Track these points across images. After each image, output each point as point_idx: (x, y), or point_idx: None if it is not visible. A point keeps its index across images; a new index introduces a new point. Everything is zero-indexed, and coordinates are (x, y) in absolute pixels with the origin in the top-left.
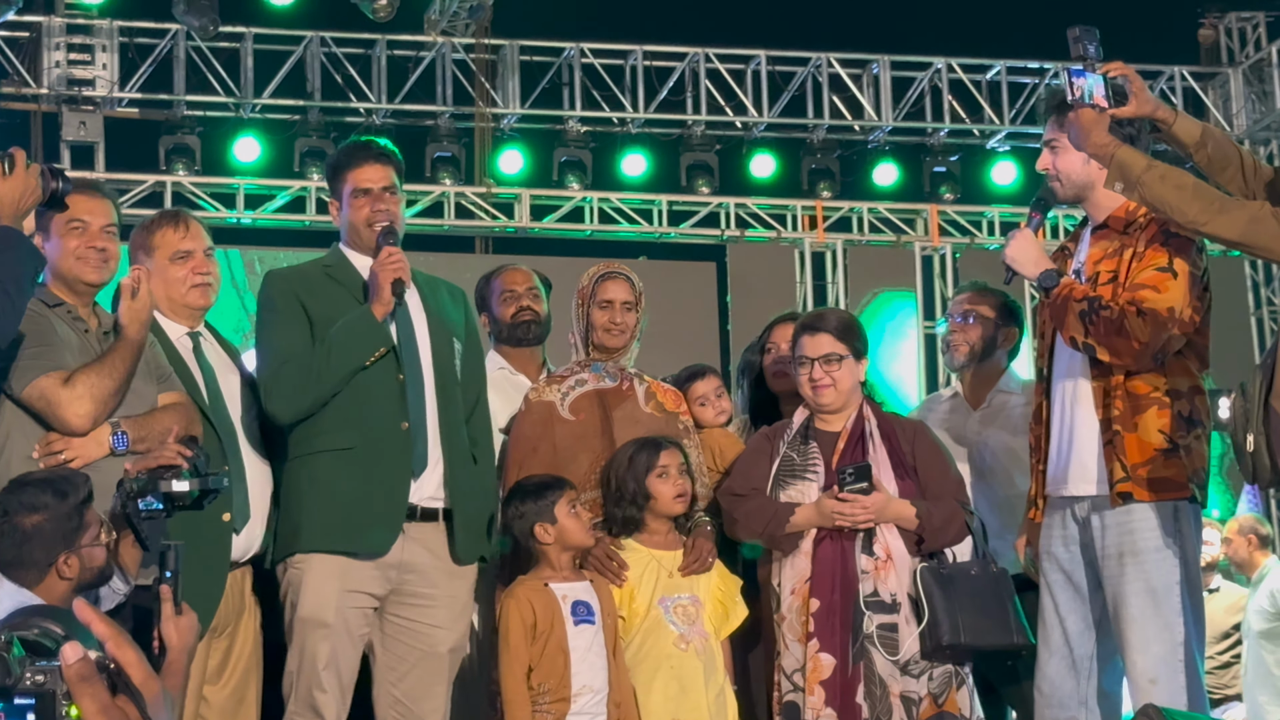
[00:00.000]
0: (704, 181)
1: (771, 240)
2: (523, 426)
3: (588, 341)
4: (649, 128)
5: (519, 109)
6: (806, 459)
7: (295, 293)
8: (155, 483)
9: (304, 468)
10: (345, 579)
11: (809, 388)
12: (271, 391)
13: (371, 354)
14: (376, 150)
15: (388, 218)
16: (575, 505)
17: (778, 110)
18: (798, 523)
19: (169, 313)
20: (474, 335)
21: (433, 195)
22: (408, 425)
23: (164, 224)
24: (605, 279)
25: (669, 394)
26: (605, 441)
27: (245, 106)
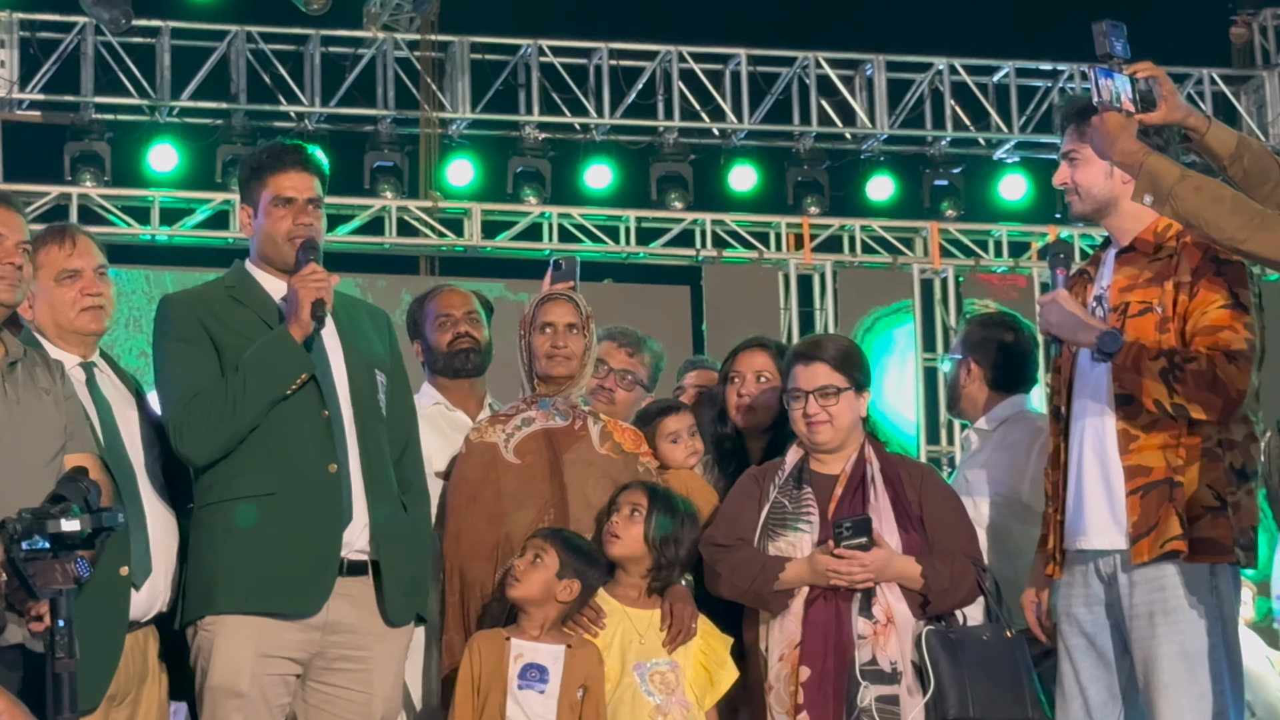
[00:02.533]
0: (677, 195)
1: (753, 261)
2: (463, 470)
3: (532, 375)
4: (615, 135)
5: (469, 113)
6: (799, 506)
7: (198, 318)
8: (41, 522)
9: (217, 516)
10: (263, 642)
11: (803, 424)
12: (182, 430)
13: (293, 380)
14: (304, 156)
15: (310, 233)
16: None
17: (759, 116)
18: (788, 579)
19: (57, 340)
20: (399, 366)
21: (372, 209)
22: (336, 467)
23: (48, 240)
24: (545, 301)
25: (627, 433)
26: (555, 486)
27: (161, 109)
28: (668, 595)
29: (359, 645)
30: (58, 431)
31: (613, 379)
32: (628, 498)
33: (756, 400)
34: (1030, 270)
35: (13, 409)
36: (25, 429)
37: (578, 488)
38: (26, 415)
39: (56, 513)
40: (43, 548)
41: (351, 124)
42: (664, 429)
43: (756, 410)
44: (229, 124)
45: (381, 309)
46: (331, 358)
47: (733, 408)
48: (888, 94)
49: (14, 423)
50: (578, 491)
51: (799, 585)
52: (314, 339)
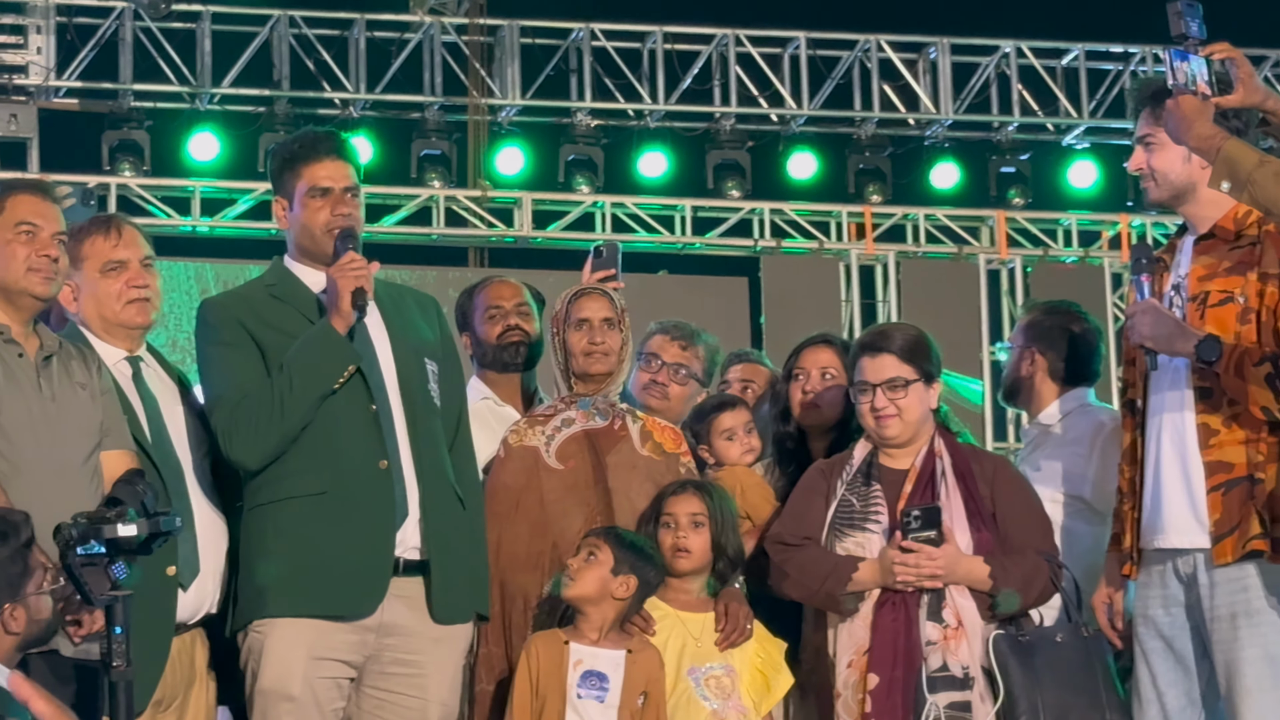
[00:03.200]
0: (734, 184)
1: (812, 252)
2: (502, 476)
3: (568, 374)
4: (670, 121)
5: (519, 99)
6: (868, 503)
7: (239, 319)
8: (97, 527)
9: (267, 518)
10: (315, 645)
11: (871, 418)
12: (231, 435)
13: (340, 374)
14: (338, 143)
15: (349, 222)
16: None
17: (819, 102)
18: (862, 581)
19: (103, 334)
20: (451, 352)
21: (419, 199)
22: (387, 463)
23: (93, 231)
24: (579, 297)
25: (667, 432)
26: (600, 493)
27: (202, 97)
28: (721, 597)
29: (414, 648)
30: (94, 428)
31: (666, 373)
32: (684, 506)
33: (821, 397)
34: (1101, 261)
35: (47, 405)
36: (60, 426)
37: (622, 492)
38: (62, 412)
39: (113, 517)
40: (98, 553)
41: (398, 111)
42: (719, 425)
43: (821, 408)
44: (271, 111)
45: (430, 295)
46: (378, 348)
47: (796, 405)
48: (952, 78)
49: (49, 419)
50: (623, 497)
51: (872, 587)
52: (359, 330)
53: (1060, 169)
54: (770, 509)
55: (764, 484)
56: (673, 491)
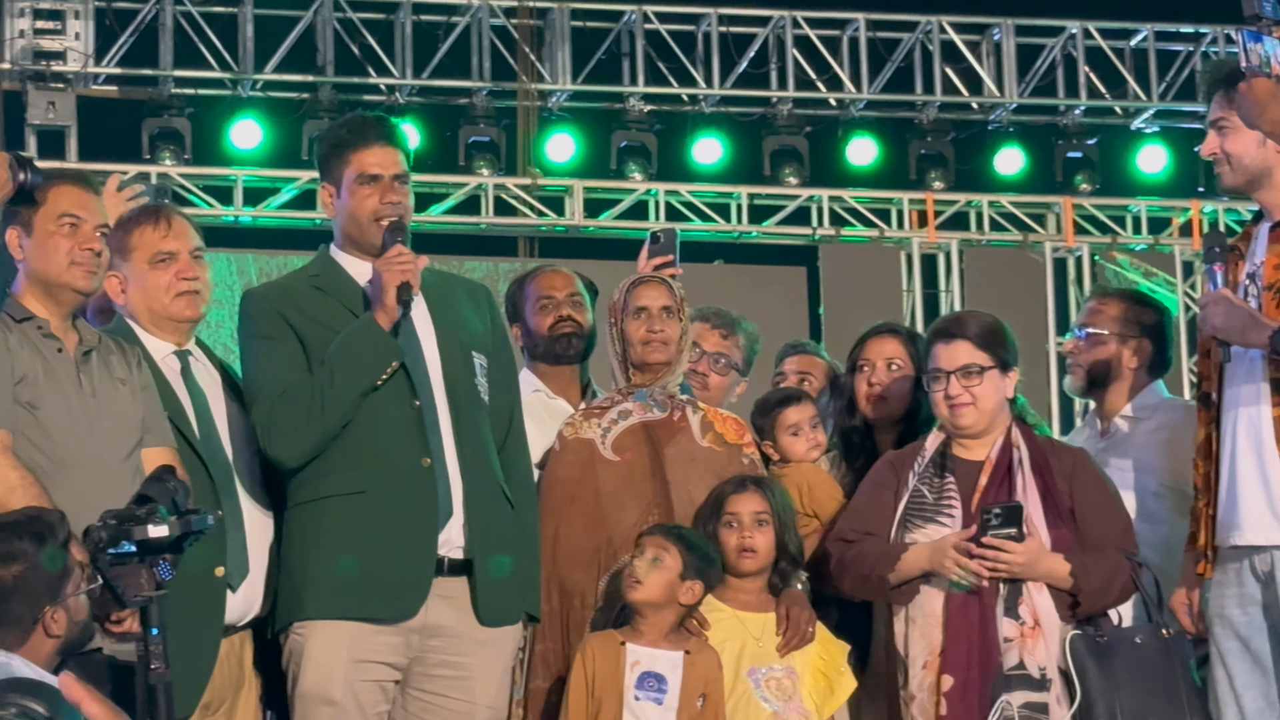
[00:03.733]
0: (792, 170)
1: (873, 240)
2: (558, 470)
3: (626, 364)
4: (725, 106)
5: (570, 85)
6: (941, 496)
7: (280, 312)
8: (127, 528)
9: (307, 517)
10: (357, 647)
11: (944, 407)
12: (270, 431)
13: (382, 371)
14: (388, 129)
15: (397, 211)
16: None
17: (879, 85)
18: (908, 565)
19: (151, 327)
20: (503, 344)
21: (468, 188)
22: (430, 461)
23: (142, 221)
24: (637, 285)
25: (729, 422)
26: (657, 485)
27: (244, 83)
28: (783, 599)
29: (460, 650)
30: (135, 425)
31: (705, 362)
32: (748, 505)
33: (888, 390)
34: (1171, 248)
35: (87, 401)
36: (101, 422)
37: (681, 485)
38: (102, 407)
39: (143, 516)
40: (129, 552)
41: (445, 97)
42: (784, 420)
43: (888, 400)
44: (316, 98)
45: (480, 283)
46: (423, 342)
47: (862, 398)
48: (1017, 60)
49: (89, 416)
50: (681, 489)
51: (919, 572)
52: (404, 323)
53: (1129, 154)
54: (837, 506)
55: (831, 480)
56: (733, 489)
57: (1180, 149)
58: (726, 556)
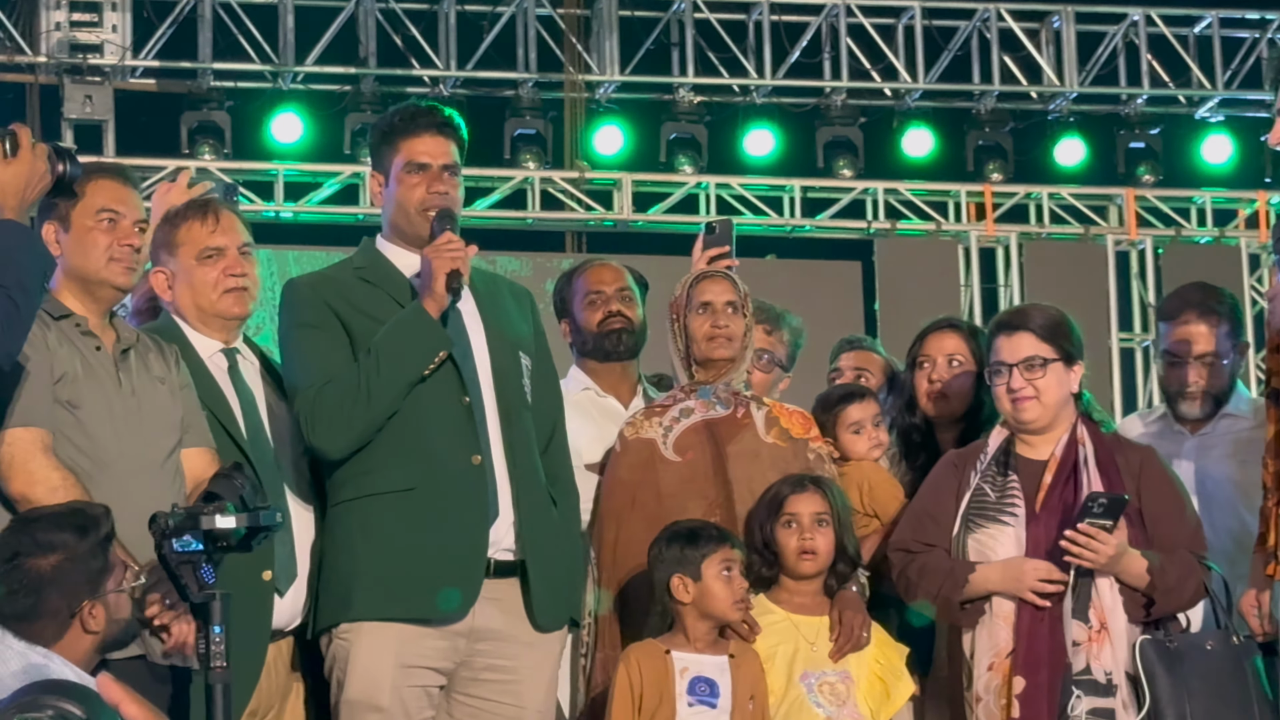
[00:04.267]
0: (846, 162)
1: (929, 234)
2: (618, 471)
3: (689, 361)
4: (778, 97)
5: (618, 75)
6: (1004, 494)
7: (325, 300)
8: (195, 518)
9: (352, 515)
10: (404, 652)
11: (1007, 401)
12: (314, 421)
13: (431, 359)
14: (440, 119)
15: (446, 202)
16: (731, 567)
17: (936, 75)
18: (978, 585)
19: (198, 324)
20: (544, 349)
21: (513, 182)
22: (480, 459)
23: (190, 216)
24: (701, 280)
25: (794, 416)
26: (719, 484)
27: (285, 76)
28: (836, 602)
29: (507, 654)
30: (174, 424)
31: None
32: (808, 505)
33: (949, 386)
34: (1237, 240)
35: (127, 400)
36: (141, 422)
37: (744, 483)
38: (142, 407)
39: (210, 510)
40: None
41: (490, 89)
42: (846, 418)
43: (949, 398)
44: (358, 90)
45: (524, 286)
46: (472, 338)
47: (922, 395)
48: (1077, 48)
49: (130, 415)
50: (744, 488)
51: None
52: (452, 316)
53: (1193, 144)
54: (899, 506)
55: (892, 480)
56: (792, 489)
57: (1246, 139)
58: (784, 558)
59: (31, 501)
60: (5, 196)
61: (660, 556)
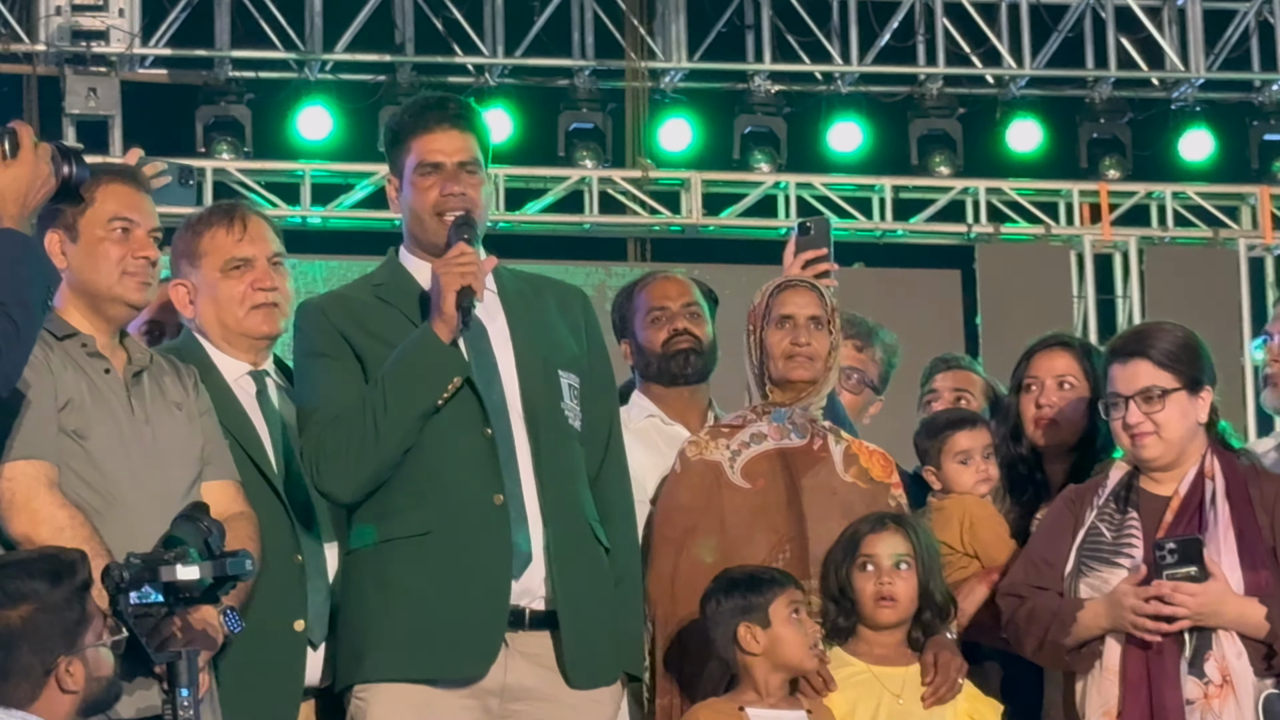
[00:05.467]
0: (943, 159)
1: (1038, 238)
2: (677, 495)
3: (763, 379)
4: (866, 85)
5: (685, 62)
6: (1122, 534)
7: (337, 327)
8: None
9: (365, 564)
10: (426, 713)
11: (1125, 436)
12: (319, 462)
13: (442, 388)
14: (453, 110)
15: (463, 204)
16: (799, 609)
17: (1044, 59)
18: (1085, 625)
19: (223, 343)
20: (600, 358)
21: (568, 182)
22: (503, 499)
23: (214, 223)
24: (783, 289)
25: (875, 456)
26: (792, 518)
27: (312, 65)
28: (929, 645)
29: (548, 715)
30: (194, 455)
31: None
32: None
33: (1059, 412)
34: None
35: (140, 430)
36: (157, 452)
37: (819, 520)
38: (158, 436)
39: (170, 558)
40: (155, 601)
41: (542, 78)
42: (953, 446)
43: (1059, 425)
44: (393, 81)
45: (575, 286)
46: (499, 357)
47: (1029, 422)
48: (1204, 29)
49: (143, 446)
50: (819, 525)
51: (1098, 633)
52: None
53: None
54: (1005, 549)
55: (998, 518)
56: (870, 528)
57: None
58: (861, 605)
59: (35, 543)
60: (4, 203)
61: (719, 608)
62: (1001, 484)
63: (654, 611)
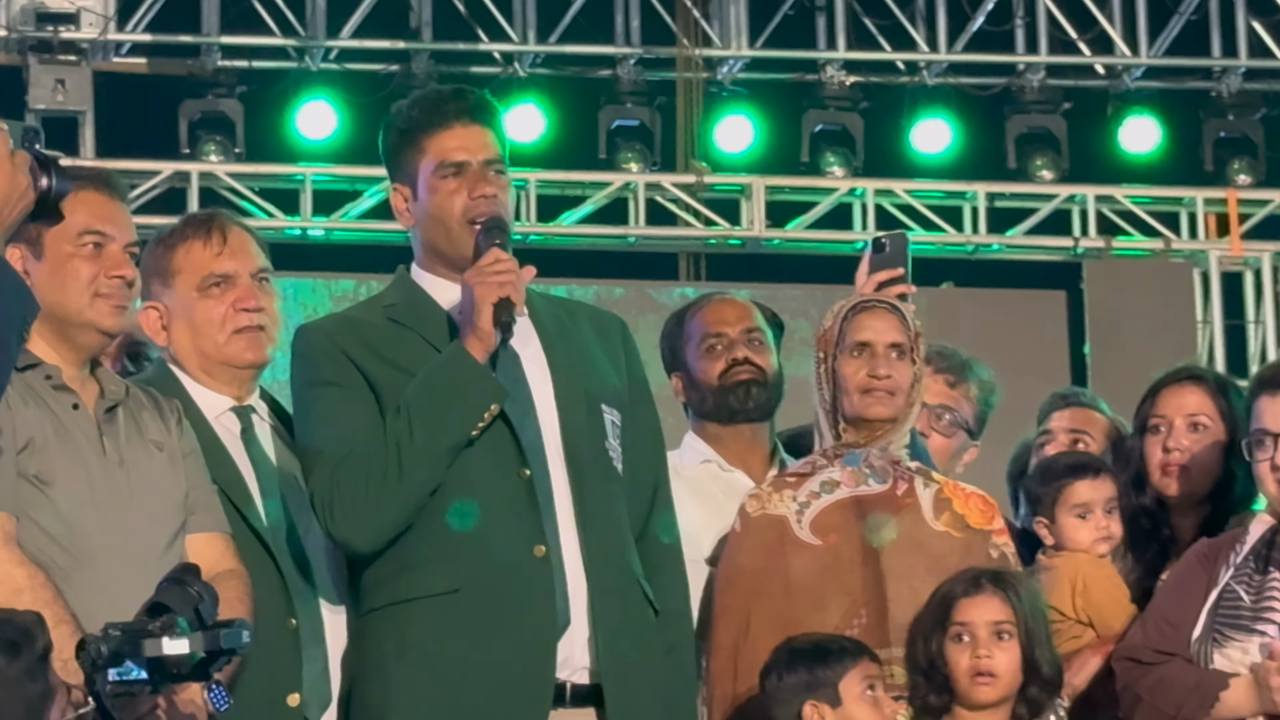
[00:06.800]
0: (1045, 162)
1: (1156, 254)
2: (738, 557)
3: (836, 416)
4: (955, 76)
5: (746, 50)
6: (1262, 596)
7: (344, 351)
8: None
9: (385, 626)
10: None
11: (1271, 481)
12: (333, 506)
13: (479, 416)
14: (470, 103)
15: (492, 208)
16: (875, 685)
17: (1163, 46)
18: (1231, 707)
19: (201, 374)
20: (641, 392)
21: (610, 189)
22: (545, 550)
23: (189, 235)
24: (859, 311)
25: (974, 500)
26: (869, 579)
27: (314, 52)
28: None
29: None
30: (176, 503)
31: (926, 418)
32: (984, 613)
33: (1191, 458)
34: None
35: (114, 474)
36: (133, 501)
37: (902, 579)
38: (134, 482)
39: (156, 629)
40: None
41: (581, 68)
42: (1072, 496)
43: (1190, 472)
44: (408, 71)
45: (612, 313)
46: (535, 389)
47: (1155, 468)
48: None
49: (117, 493)
50: (901, 585)
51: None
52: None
53: None
54: (1123, 615)
55: (1116, 580)
56: (964, 590)
57: None
58: (956, 681)
59: None
60: None
61: (781, 684)
62: (1123, 540)
63: (712, 691)
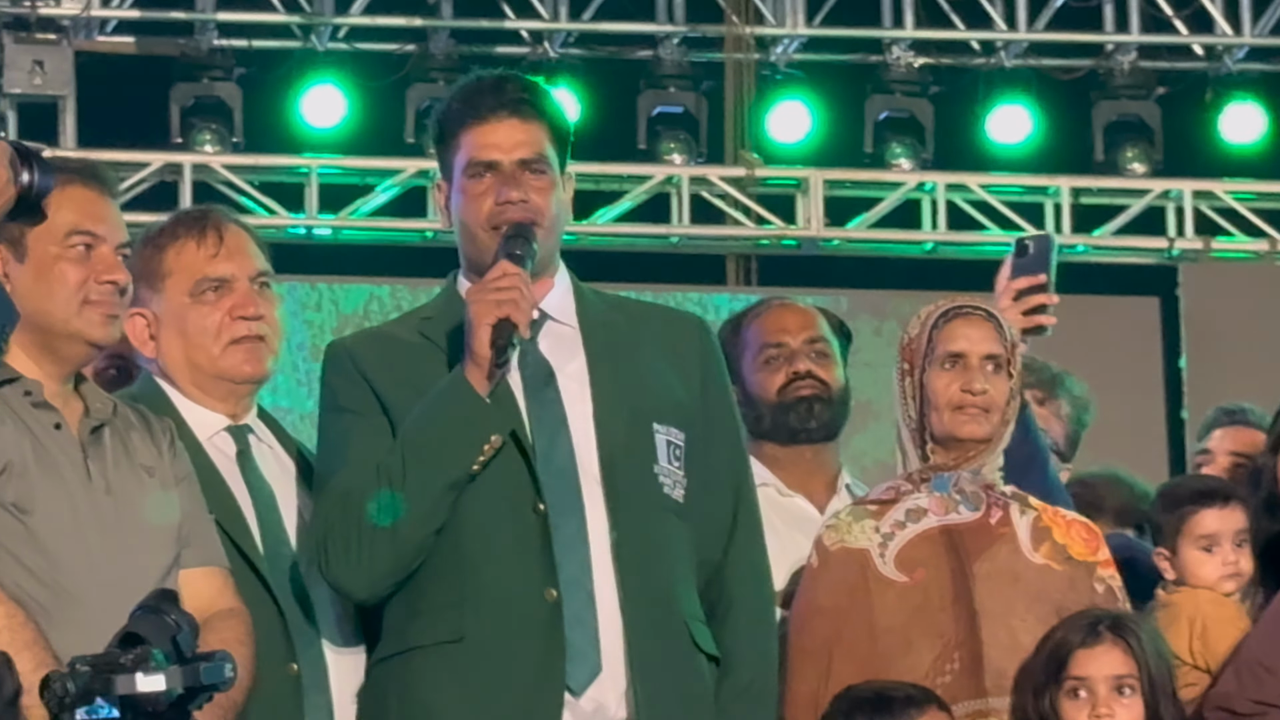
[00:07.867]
0: (1136, 153)
1: (1260, 256)
2: (814, 595)
3: (923, 435)
4: (1036, 58)
5: (802, 28)
6: None
7: (363, 374)
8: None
9: (389, 679)
10: None
11: None
12: (328, 549)
13: (475, 452)
14: (515, 94)
15: (524, 214)
16: None
17: (1269, 23)
18: None
19: (193, 389)
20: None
21: (651, 183)
22: (556, 594)
23: (181, 234)
24: (951, 318)
25: (1076, 528)
26: (961, 618)
27: (321, 31)
28: None
29: None
30: (169, 533)
31: None
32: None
33: None
34: None
35: (99, 501)
36: (121, 531)
37: (998, 618)
38: (122, 510)
39: (129, 663)
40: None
41: (617, 48)
42: (1197, 526)
43: None
44: (425, 52)
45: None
46: (571, 409)
47: None
48: None
49: (104, 522)
50: (998, 624)
51: None
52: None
53: None
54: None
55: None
56: (1081, 640)
57: None
58: None
59: None
60: None
61: None
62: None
63: None
